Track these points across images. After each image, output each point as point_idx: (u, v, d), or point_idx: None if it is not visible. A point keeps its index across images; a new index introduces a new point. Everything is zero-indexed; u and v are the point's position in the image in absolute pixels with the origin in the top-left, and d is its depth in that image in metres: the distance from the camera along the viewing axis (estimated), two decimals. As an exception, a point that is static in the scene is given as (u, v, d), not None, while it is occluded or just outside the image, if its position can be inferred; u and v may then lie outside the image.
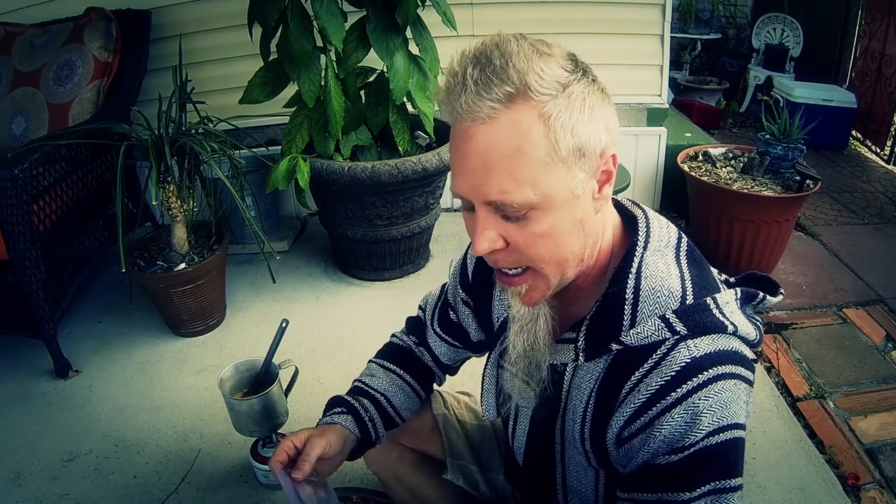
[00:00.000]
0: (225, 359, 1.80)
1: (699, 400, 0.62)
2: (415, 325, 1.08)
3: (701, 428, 0.62)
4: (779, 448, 1.47)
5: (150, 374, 1.76)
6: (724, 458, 0.63)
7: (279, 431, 1.37)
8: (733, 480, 0.64)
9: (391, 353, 1.06)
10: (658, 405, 0.63)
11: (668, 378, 0.63)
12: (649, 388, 0.64)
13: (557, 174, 0.61)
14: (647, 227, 0.72)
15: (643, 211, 0.75)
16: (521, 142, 0.59)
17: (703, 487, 0.63)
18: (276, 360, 1.34)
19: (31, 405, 1.65)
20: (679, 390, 0.63)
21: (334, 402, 0.98)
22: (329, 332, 1.93)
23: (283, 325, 1.30)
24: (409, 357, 1.05)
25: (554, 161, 0.60)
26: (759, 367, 1.78)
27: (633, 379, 0.66)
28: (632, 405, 0.66)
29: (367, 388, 1.00)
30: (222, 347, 1.88)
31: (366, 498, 1.10)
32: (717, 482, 0.63)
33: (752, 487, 1.36)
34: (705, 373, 0.63)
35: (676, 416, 0.62)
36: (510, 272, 0.68)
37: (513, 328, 0.75)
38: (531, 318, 0.73)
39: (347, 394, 1.00)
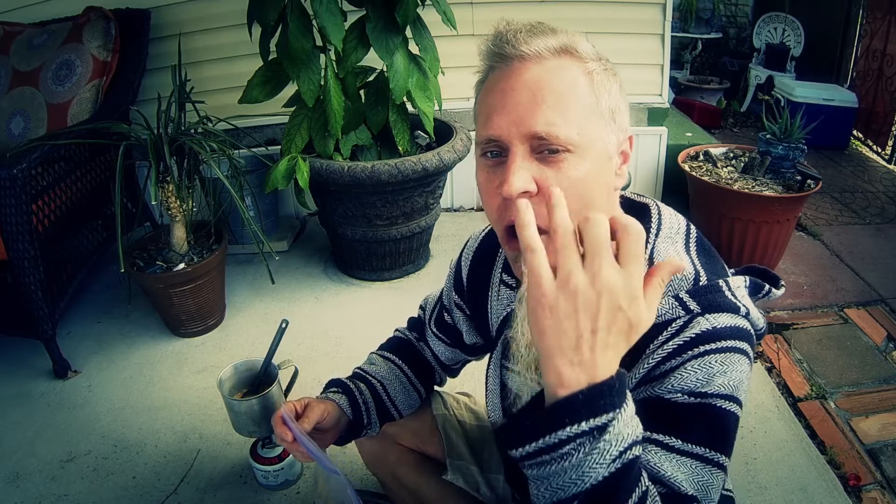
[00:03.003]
0: (224, 359, 1.79)
1: (715, 362, 0.61)
2: (415, 324, 1.10)
3: (713, 386, 0.61)
4: (780, 448, 1.47)
5: (150, 375, 1.76)
6: (722, 425, 0.62)
7: (278, 432, 1.36)
8: (722, 457, 0.62)
9: (392, 346, 1.08)
10: (674, 360, 0.62)
11: (688, 339, 0.62)
12: (665, 349, 0.63)
13: (597, 125, 0.64)
14: (659, 214, 0.73)
15: (653, 201, 0.76)
16: (570, 84, 0.63)
17: (695, 446, 0.61)
18: (275, 360, 1.34)
19: (29, 405, 1.65)
20: (697, 349, 0.62)
21: (332, 383, 1.00)
22: (329, 333, 1.92)
23: (283, 325, 1.29)
24: (410, 350, 1.06)
25: (595, 113, 0.64)
26: (759, 367, 1.78)
27: (646, 352, 0.65)
28: (643, 366, 0.64)
29: (364, 374, 1.01)
30: (221, 348, 1.87)
31: (365, 499, 1.10)
32: (710, 450, 0.61)
33: (752, 488, 1.36)
34: (724, 342, 0.62)
35: (690, 369, 0.61)
36: None
37: (520, 313, 0.70)
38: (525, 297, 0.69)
39: (346, 378, 1.01)
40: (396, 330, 1.12)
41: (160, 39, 2.31)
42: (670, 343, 0.64)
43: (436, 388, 1.12)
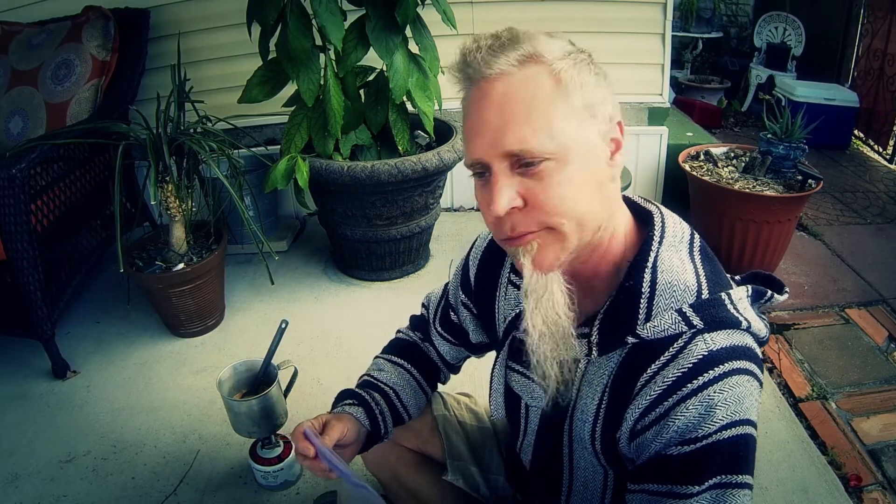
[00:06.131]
0: (224, 359, 1.79)
1: (714, 393, 0.62)
2: (419, 323, 1.08)
3: (714, 420, 0.62)
4: (781, 449, 1.46)
5: (149, 375, 1.75)
6: (734, 452, 0.63)
7: (278, 432, 1.36)
8: (741, 477, 0.63)
9: (398, 348, 1.06)
10: (674, 396, 0.63)
11: (685, 370, 0.63)
12: (665, 380, 0.64)
13: (571, 126, 0.63)
14: (662, 222, 0.72)
15: (657, 207, 0.75)
16: (534, 93, 0.62)
17: (710, 480, 0.62)
18: (275, 360, 1.34)
19: (28, 406, 1.65)
20: (695, 382, 0.63)
21: (345, 395, 0.98)
22: (328, 333, 1.92)
23: (283, 325, 1.29)
24: (416, 352, 1.05)
25: (566, 113, 0.63)
26: (760, 367, 1.78)
27: (649, 371, 0.66)
28: (647, 397, 0.65)
29: (376, 382, 0.99)
30: (221, 348, 1.87)
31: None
32: (725, 476, 0.63)
33: (753, 488, 1.35)
34: (721, 366, 0.63)
35: (691, 407, 0.62)
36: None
37: (528, 306, 0.69)
38: (545, 287, 0.68)
39: (357, 387, 1.00)
40: (399, 331, 1.11)
41: (159, 39, 2.30)
42: (669, 371, 0.64)
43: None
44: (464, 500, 1.06)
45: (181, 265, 1.78)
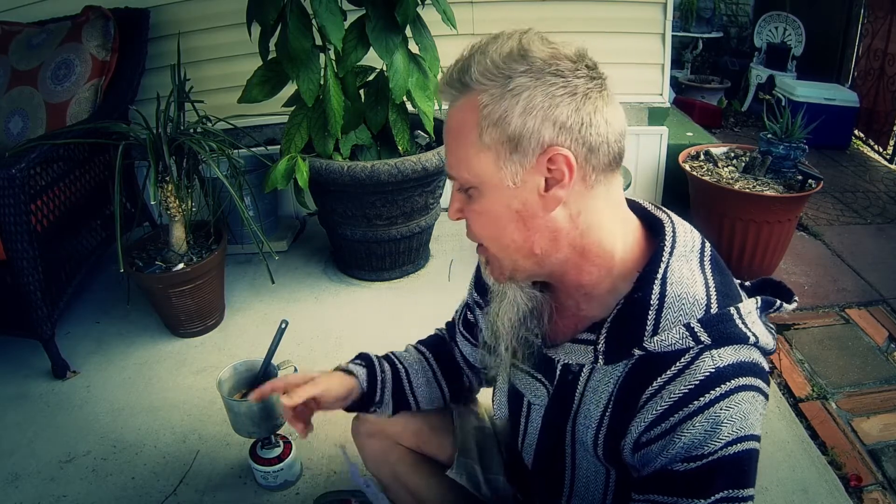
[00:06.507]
0: (224, 359, 1.79)
1: (720, 410, 0.62)
2: (448, 325, 1.11)
3: (720, 437, 0.62)
4: (781, 449, 1.46)
5: (149, 375, 1.75)
6: (739, 467, 0.63)
7: (278, 432, 1.36)
8: (745, 491, 0.64)
9: (427, 340, 1.11)
10: (680, 412, 0.63)
11: (692, 386, 0.63)
12: (672, 396, 0.64)
13: (485, 160, 0.65)
14: (674, 231, 0.71)
15: (668, 215, 0.74)
16: (459, 124, 0.66)
17: (716, 495, 0.63)
18: (275, 360, 1.34)
19: (28, 406, 1.65)
20: (702, 399, 0.63)
21: (358, 356, 1.04)
22: (328, 333, 1.92)
23: (283, 325, 1.29)
24: (442, 346, 1.08)
25: (479, 147, 0.65)
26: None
27: (654, 385, 0.66)
28: (653, 411, 0.65)
29: (392, 357, 1.05)
30: (221, 348, 1.87)
31: (366, 500, 1.09)
32: (731, 491, 0.63)
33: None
34: (728, 383, 0.63)
35: (697, 424, 0.63)
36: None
37: (493, 307, 0.81)
38: (500, 293, 0.78)
39: (375, 355, 1.05)
40: (436, 329, 1.14)
41: (159, 39, 2.30)
42: (676, 387, 0.64)
43: None
44: (464, 500, 1.06)
45: (181, 265, 1.78)
